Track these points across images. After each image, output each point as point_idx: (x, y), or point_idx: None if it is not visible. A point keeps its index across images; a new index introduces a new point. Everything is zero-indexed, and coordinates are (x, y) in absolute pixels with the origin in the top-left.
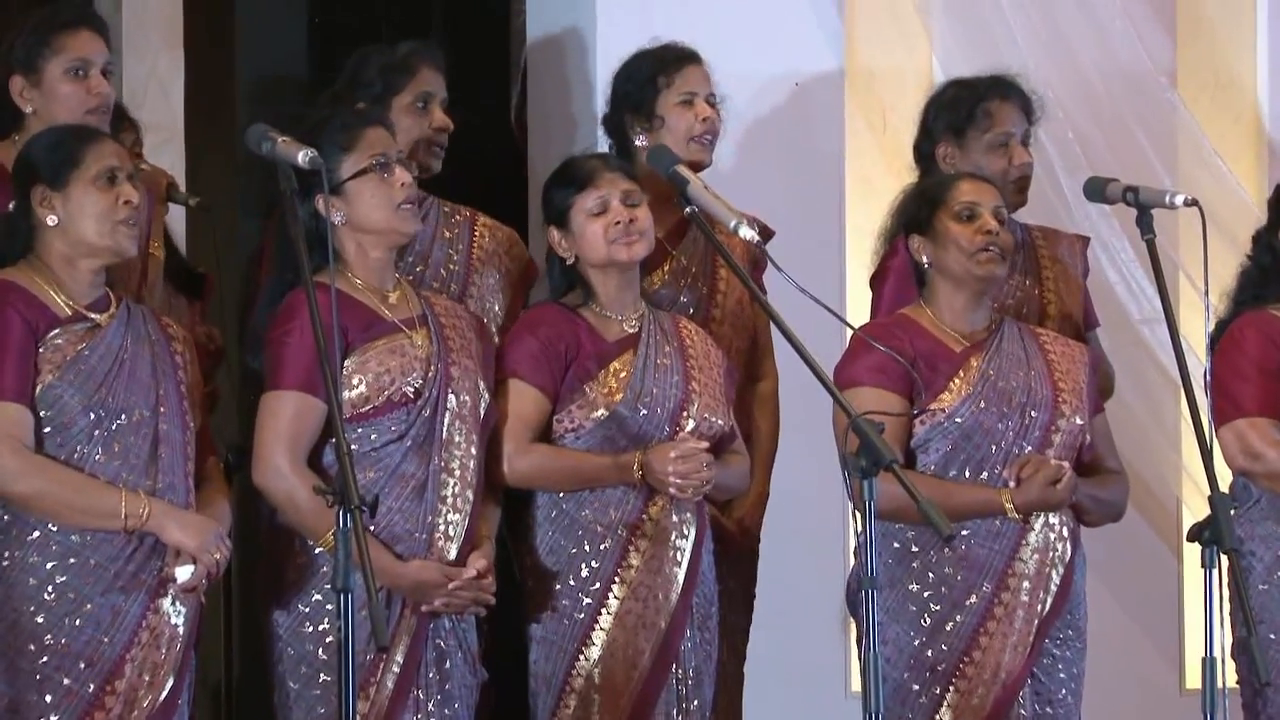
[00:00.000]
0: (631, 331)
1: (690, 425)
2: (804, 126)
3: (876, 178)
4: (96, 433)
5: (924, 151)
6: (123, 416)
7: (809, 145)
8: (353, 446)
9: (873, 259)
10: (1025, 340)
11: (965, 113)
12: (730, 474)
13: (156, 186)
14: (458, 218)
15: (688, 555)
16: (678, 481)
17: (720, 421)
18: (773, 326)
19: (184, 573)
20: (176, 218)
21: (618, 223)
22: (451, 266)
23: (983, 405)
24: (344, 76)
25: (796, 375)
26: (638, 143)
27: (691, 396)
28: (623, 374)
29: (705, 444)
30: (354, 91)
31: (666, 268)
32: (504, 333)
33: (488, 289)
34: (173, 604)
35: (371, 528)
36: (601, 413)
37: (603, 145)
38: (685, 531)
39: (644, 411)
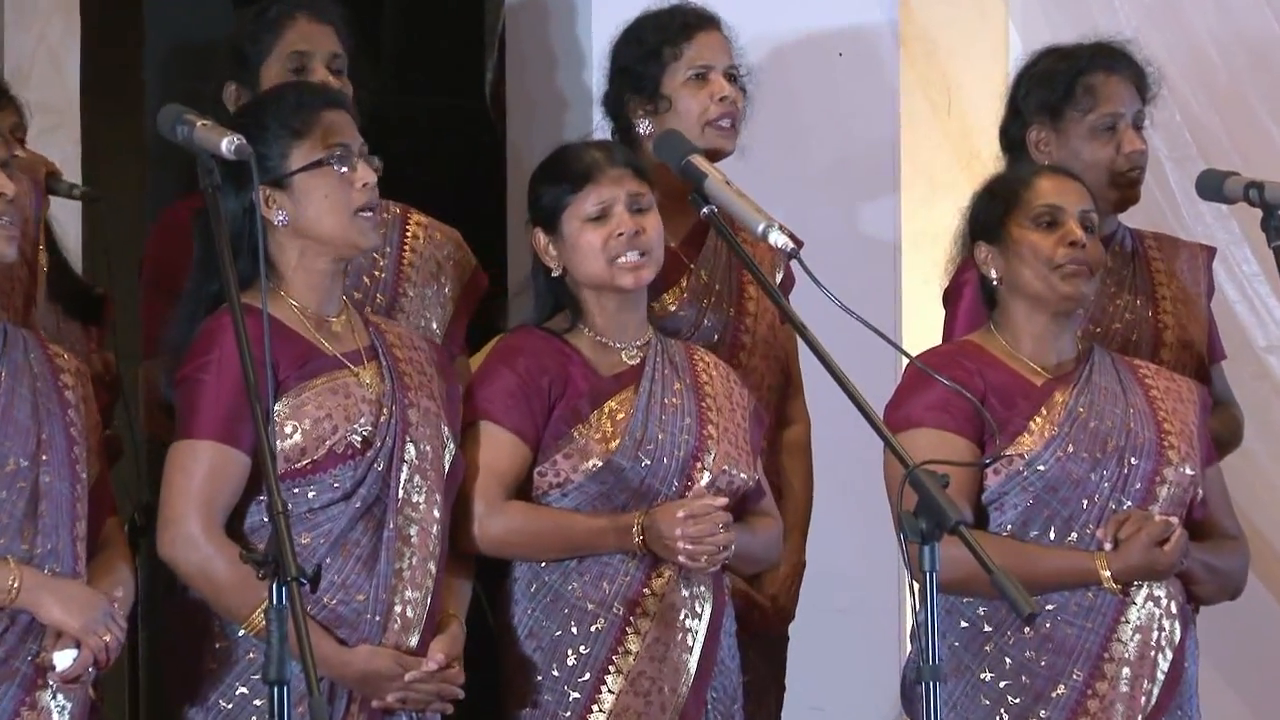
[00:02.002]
0: (633, 363)
1: (705, 479)
2: (849, 106)
3: (940, 170)
4: None
5: (1012, 136)
6: None
7: (855, 129)
8: (287, 505)
9: (945, 269)
10: (1120, 372)
11: (1063, 88)
12: (757, 540)
13: (35, 176)
14: (385, 215)
15: (700, 639)
16: (688, 547)
17: (743, 475)
18: (804, 357)
19: (64, 659)
20: (68, 220)
21: (621, 234)
22: (377, 274)
23: (1071, 450)
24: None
25: (839, 416)
26: (640, 130)
27: (706, 443)
28: (620, 416)
29: (723, 500)
30: (235, 67)
31: (684, 284)
32: None
33: (424, 303)
34: (54, 697)
35: (310, 608)
36: (594, 463)
37: (599, 130)
38: (698, 609)
39: (647, 462)
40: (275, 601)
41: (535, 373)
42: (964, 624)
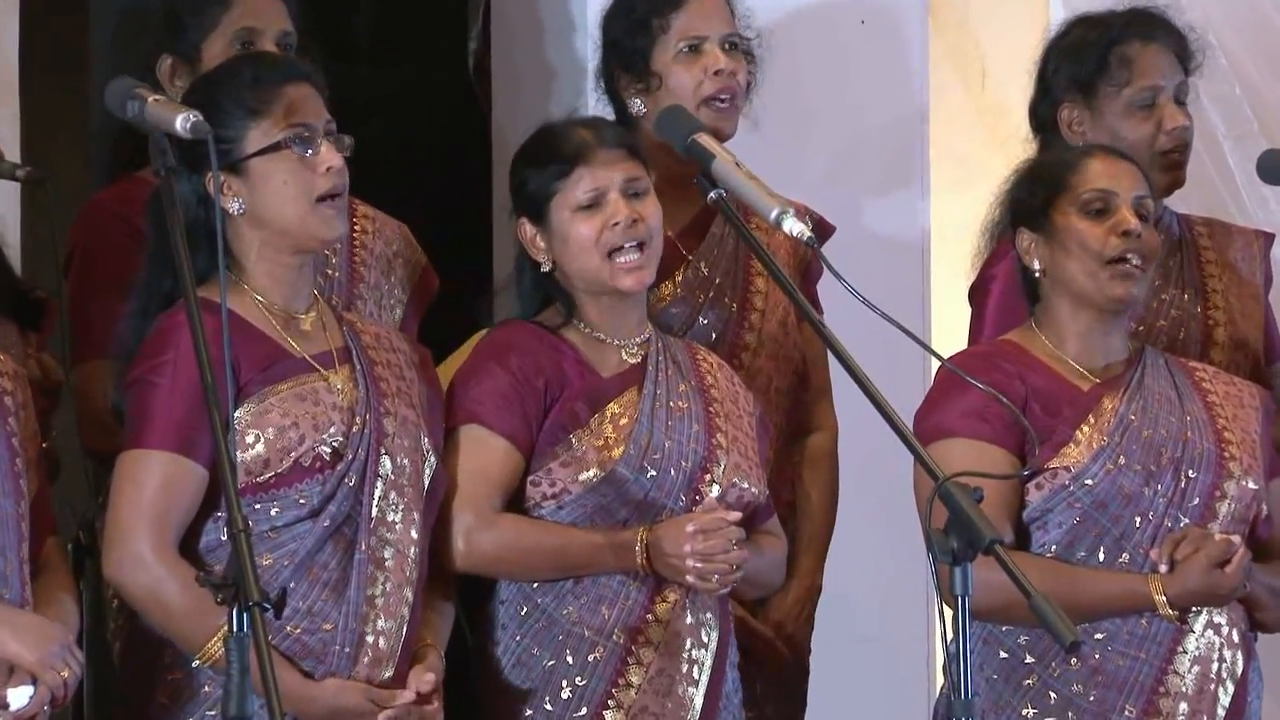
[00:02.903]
0: (633, 362)
1: (715, 493)
2: (872, 81)
3: (973, 152)
4: None
5: (1042, 116)
6: None
7: (879, 107)
8: (248, 522)
9: (972, 263)
10: (1175, 375)
11: (1096, 61)
12: (764, 561)
13: None
14: None
15: (707, 670)
16: (697, 566)
17: (754, 490)
18: (830, 358)
19: (19, 696)
20: (6, 205)
21: (617, 223)
22: (330, 273)
23: (1122, 462)
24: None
25: (863, 424)
26: (634, 110)
27: (716, 453)
28: (623, 420)
29: (736, 515)
30: (172, 39)
31: (678, 277)
32: None
33: (379, 303)
34: None
35: (273, 637)
36: (594, 473)
37: (594, 106)
38: (704, 638)
39: (652, 473)
40: (235, 629)
41: (529, 371)
42: (1003, 655)
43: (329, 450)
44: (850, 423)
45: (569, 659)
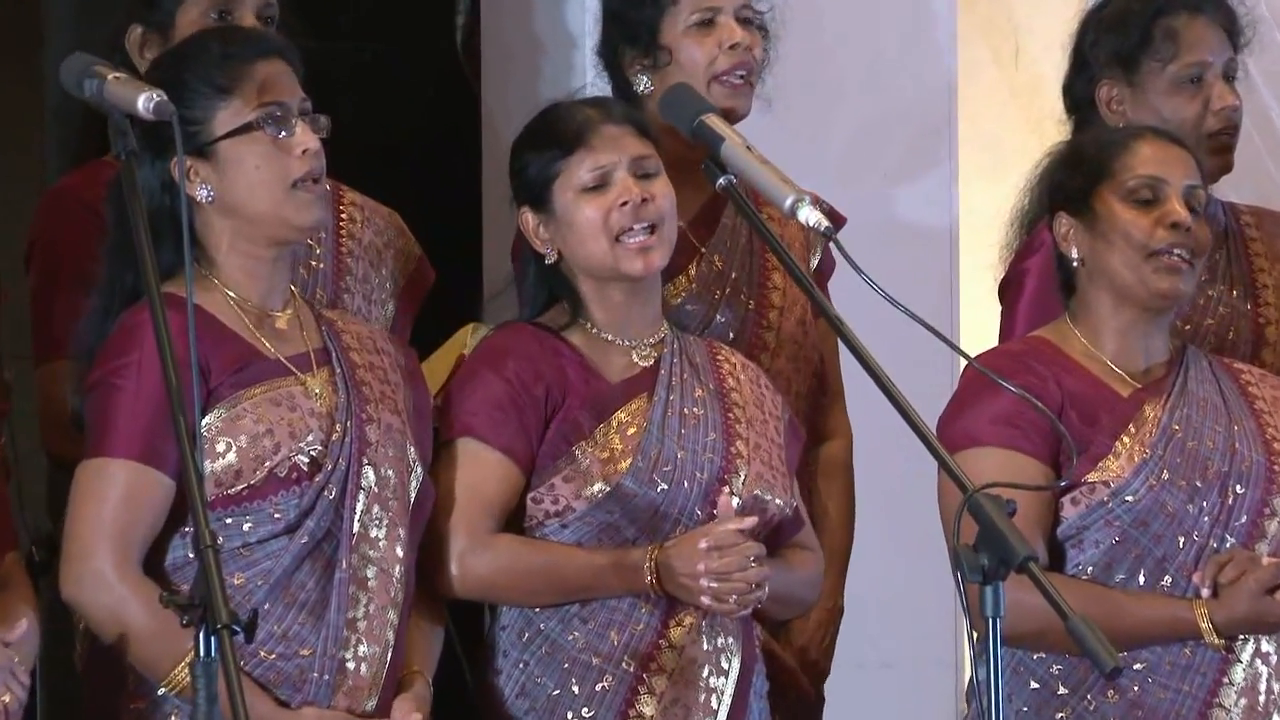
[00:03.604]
0: (645, 365)
1: (733, 505)
2: (896, 57)
3: (1005, 133)
4: None
5: (1077, 94)
6: None
7: (903, 86)
8: (217, 538)
9: (1001, 256)
10: (1220, 379)
11: (1138, 35)
12: (795, 578)
13: None
14: None
15: (727, 701)
16: (712, 586)
17: (779, 500)
18: (844, 359)
19: None
20: None
21: (625, 203)
22: (314, 264)
23: (1166, 477)
24: None
25: (884, 430)
26: (638, 88)
27: (735, 462)
28: (631, 430)
29: (753, 520)
30: (143, 6)
31: (692, 272)
32: None
33: (368, 299)
34: None
35: (244, 662)
36: (599, 488)
37: (592, 87)
38: (723, 665)
39: (663, 486)
40: (202, 654)
41: (528, 379)
42: (1034, 685)
43: (306, 460)
44: (868, 428)
45: (575, 688)
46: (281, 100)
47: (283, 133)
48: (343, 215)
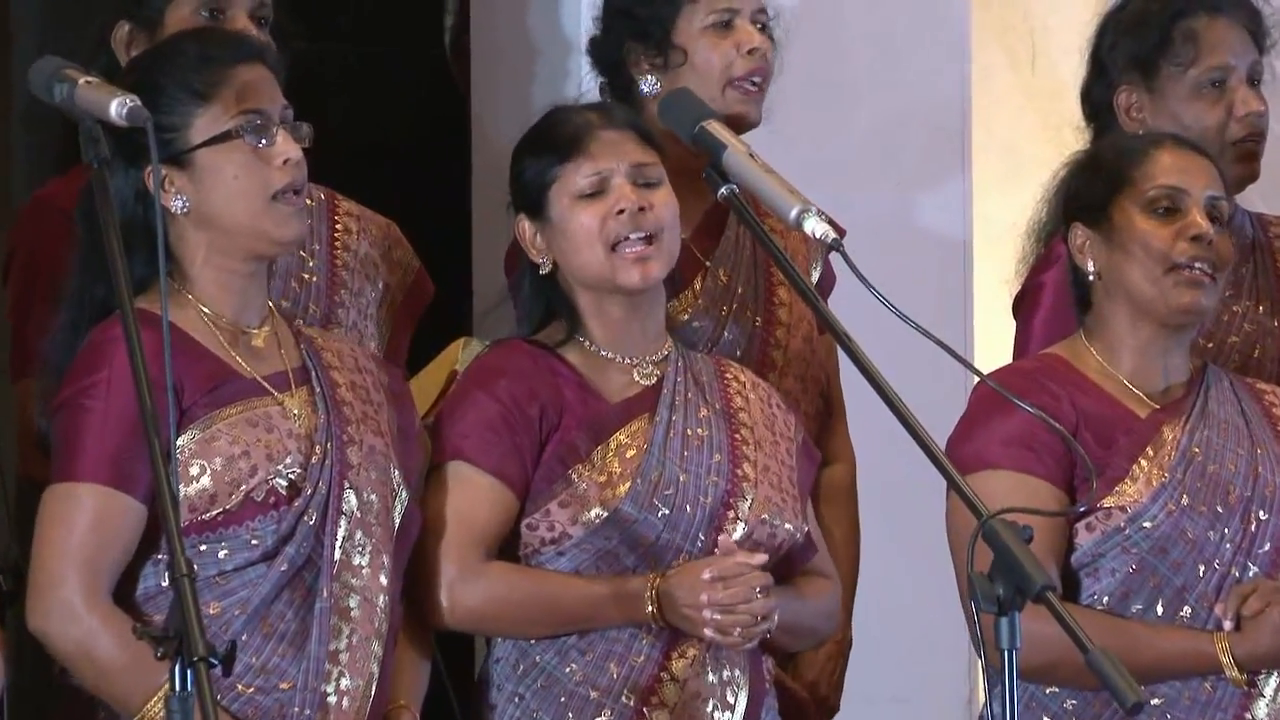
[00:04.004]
0: (647, 384)
1: (739, 531)
2: (908, 61)
3: (1022, 140)
4: None
5: (1096, 100)
6: None
7: (916, 90)
8: (193, 566)
9: (1017, 269)
10: (1242, 400)
11: (1156, 38)
12: (808, 608)
13: None
14: (309, 201)
15: None
16: (715, 618)
17: (788, 526)
18: (845, 375)
19: None
20: None
21: (622, 211)
22: (306, 277)
23: (1186, 503)
24: None
25: (891, 452)
26: (644, 89)
27: (742, 486)
28: (631, 453)
29: (760, 558)
30: (131, 1)
31: (698, 287)
32: None
33: (363, 313)
34: None
35: (222, 696)
36: (598, 513)
37: (591, 93)
38: (729, 699)
39: (665, 511)
40: (177, 688)
41: (522, 399)
42: None
43: (285, 484)
44: (877, 450)
45: None
46: (262, 108)
47: (263, 141)
48: (338, 226)
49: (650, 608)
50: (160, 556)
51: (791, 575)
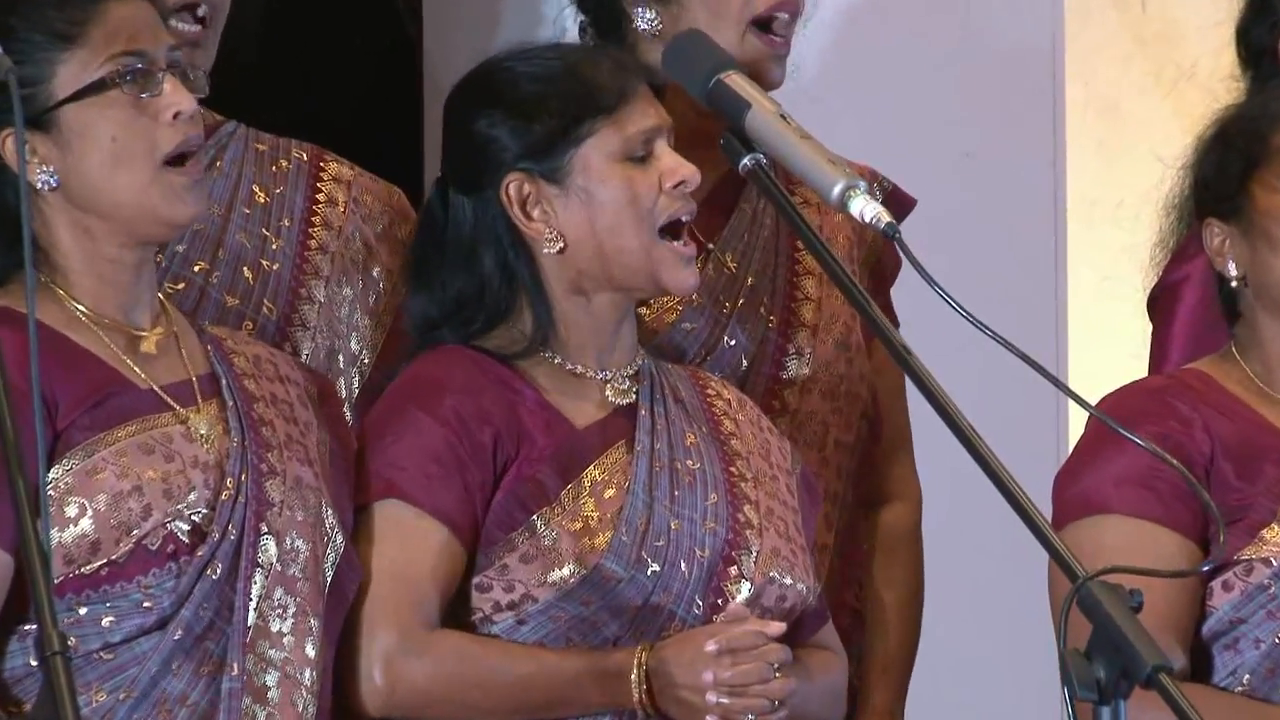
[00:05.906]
0: (622, 403)
1: (744, 593)
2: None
3: (1125, 99)
4: None
5: (1257, 42)
6: None
7: (992, 32)
8: (69, 640)
9: (1151, 256)
10: None
11: None
12: (815, 689)
13: None
14: (284, 162)
15: None
16: (722, 702)
17: (800, 586)
18: (911, 393)
19: None
20: None
21: (679, 184)
22: (266, 264)
23: None
24: None
25: (958, 492)
26: (641, 25)
27: (745, 535)
28: (610, 492)
29: (779, 626)
30: None
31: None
32: (369, 404)
33: (340, 311)
34: None
35: None
36: (570, 570)
37: (570, 33)
38: None
39: (655, 567)
40: None
41: (471, 421)
42: None
43: (187, 528)
44: (941, 490)
45: None
46: (143, 48)
47: (146, 92)
48: (319, 195)
49: (638, 689)
50: (28, 627)
51: (796, 646)
